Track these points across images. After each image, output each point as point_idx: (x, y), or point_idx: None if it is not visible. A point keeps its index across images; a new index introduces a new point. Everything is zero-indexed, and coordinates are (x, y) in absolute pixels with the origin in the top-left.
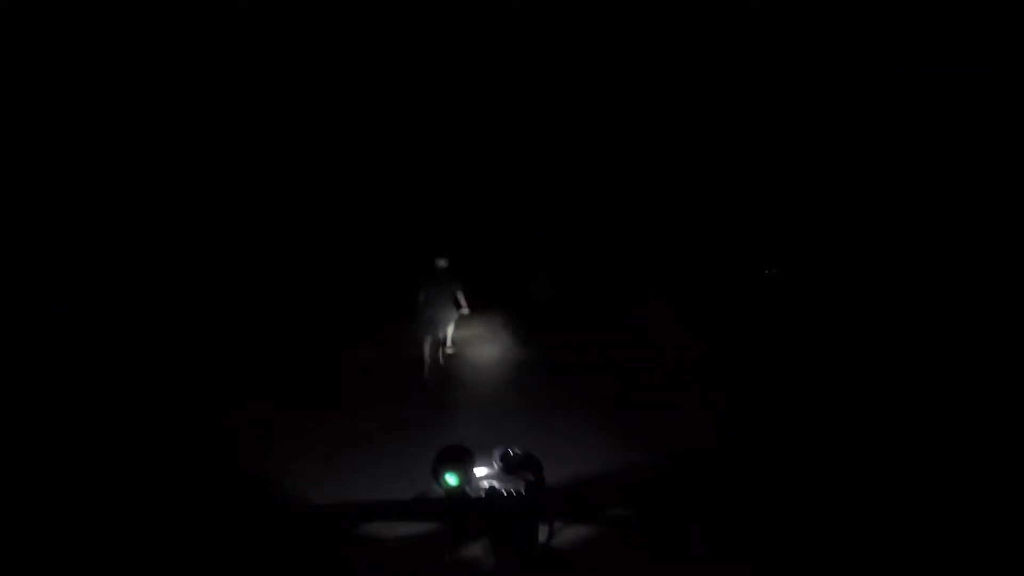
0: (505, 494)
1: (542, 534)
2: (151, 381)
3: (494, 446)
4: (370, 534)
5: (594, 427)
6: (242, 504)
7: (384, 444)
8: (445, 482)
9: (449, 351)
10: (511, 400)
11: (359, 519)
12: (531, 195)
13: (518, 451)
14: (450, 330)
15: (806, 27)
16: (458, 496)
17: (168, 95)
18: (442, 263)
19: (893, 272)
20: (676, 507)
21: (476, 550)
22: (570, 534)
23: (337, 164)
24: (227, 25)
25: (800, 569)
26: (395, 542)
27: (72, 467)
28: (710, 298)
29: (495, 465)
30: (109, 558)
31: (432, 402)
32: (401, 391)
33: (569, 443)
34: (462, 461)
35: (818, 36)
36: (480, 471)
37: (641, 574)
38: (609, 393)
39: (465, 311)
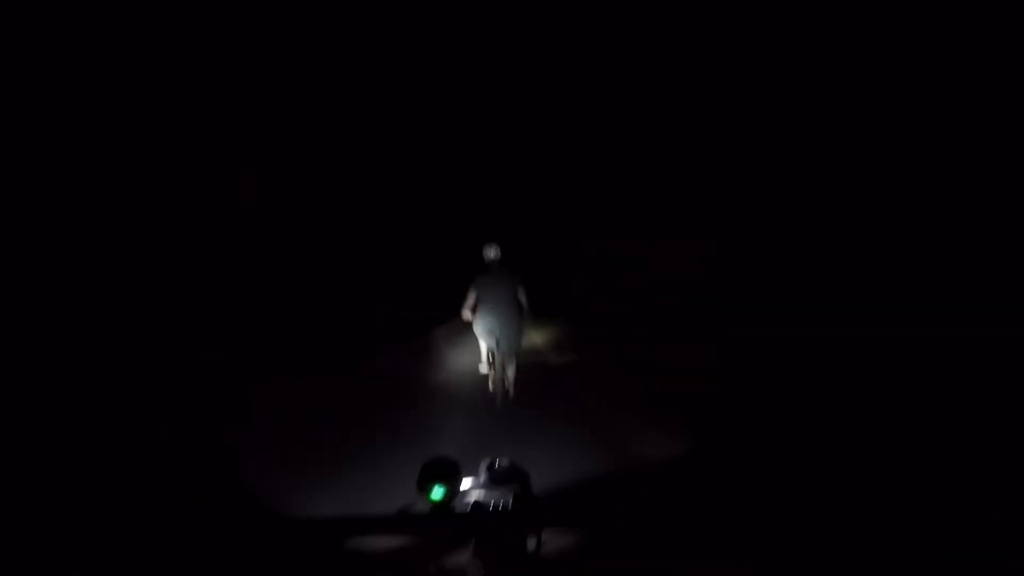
0: (491, 507)
1: (530, 545)
2: (155, 382)
3: (481, 458)
4: (357, 548)
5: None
6: (231, 516)
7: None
8: (431, 497)
9: (510, 375)
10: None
11: (347, 533)
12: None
13: (504, 462)
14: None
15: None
16: (444, 510)
17: (193, 93)
18: (491, 253)
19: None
20: (665, 516)
21: (463, 562)
22: (559, 542)
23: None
24: (241, 23)
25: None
26: (382, 556)
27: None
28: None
29: (482, 477)
30: (100, 560)
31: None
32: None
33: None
34: (448, 474)
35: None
36: (467, 483)
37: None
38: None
39: (530, 319)
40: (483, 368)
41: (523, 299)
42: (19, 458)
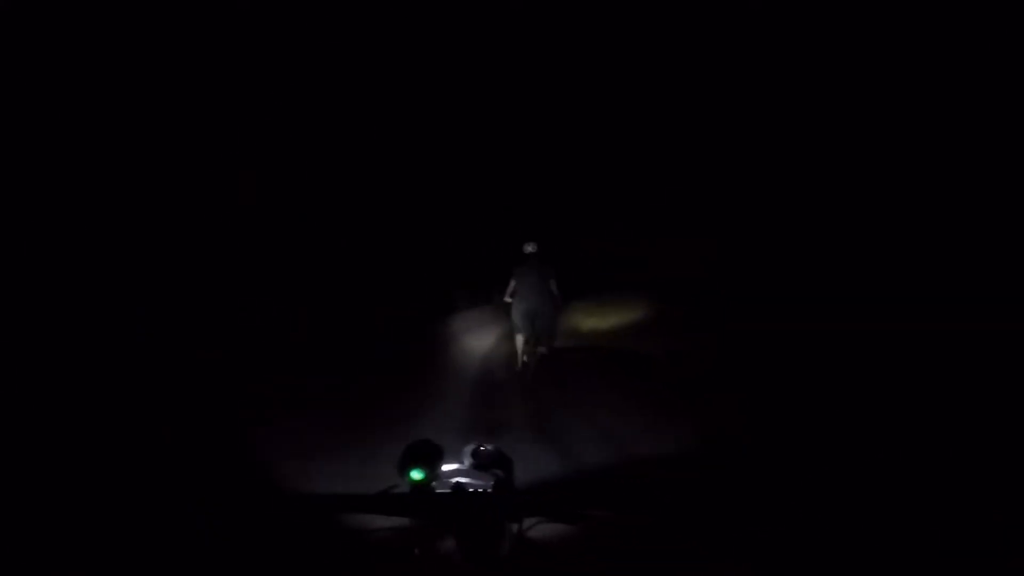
0: (472, 491)
1: (511, 532)
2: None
3: (465, 442)
4: (339, 525)
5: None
6: (225, 483)
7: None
8: (410, 478)
9: (542, 351)
10: None
11: (327, 509)
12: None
13: (489, 447)
14: (548, 333)
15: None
16: (423, 491)
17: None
18: (530, 248)
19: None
20: (653, 507)
21: (444, 547)
22: (540, 532)
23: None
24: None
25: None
26: (365, 534)
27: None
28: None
29: (465, 461)
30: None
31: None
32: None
33: None
34: (429, 456)
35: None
36: (448, 467)
37: (612, 574)
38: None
39: (560, 305)
40: (518, 344)
41: (555, 289)
42: (19, 458)
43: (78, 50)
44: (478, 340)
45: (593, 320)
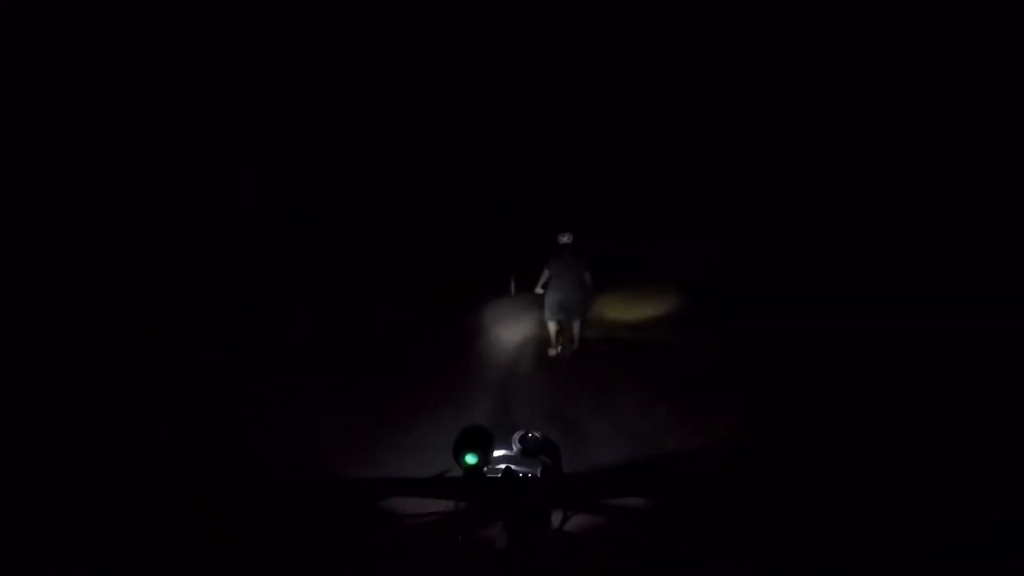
0: (522, 476)
1: (556, 519)
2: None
3: (514, 429)
4: (388, 510)
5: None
6: (261, 476)
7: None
8: (464, 461)
9: (575, 345)
10: None
11: (378, 495)
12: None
13: (537, 435)
14: (580, 321)
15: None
16: (476, 476)
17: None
18: (565, 239)
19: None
20: (691, 501)
21: (490, 531)
22: (584, 521)
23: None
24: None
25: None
26: (412, 518)
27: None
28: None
29: (514, 447)
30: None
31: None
32: None
33: None
34: (482, 442)
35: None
36: (499, 453)
37: (650, 566)
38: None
39: (593, 296)
40: (551, 329)
41: (588, 279)
42: (19, 458)
43: (78, 51)
44: (501, 334)
45: (619, 311)
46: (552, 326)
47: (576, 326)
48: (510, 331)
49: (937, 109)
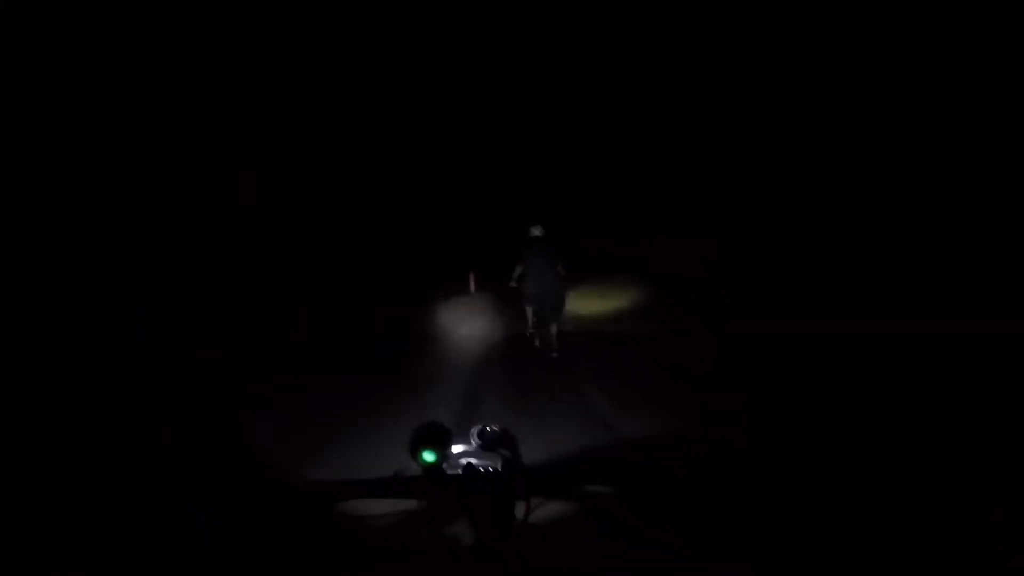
0: (482, 471)
1: (519, 510)
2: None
3: (472, 424)
4: (349, 512)
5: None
6: (225, 482)
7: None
8: (422, 459)
9: (555, 330)
10: None
11: (338, 497)
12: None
13: (495, 428)
14: (558, 318)
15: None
16: (435, 473)
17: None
18: (536, 232)
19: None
20: (655, 487)
21: (454, 526)
22: (548, 511)
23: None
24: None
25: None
26: (373, 519)
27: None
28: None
29: (473, 442)
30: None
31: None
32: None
33: None
34: (439, 438)
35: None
36: (457, 448)
37: (618, 553)
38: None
39: (569, 286)
40: (531, 326)
41: (562, 270)
42: (19, 458)
43: (78, 51)
44: (478, 326)
45: (595, 304)
46: (530, 310)
47: (554, 328)
48: (474, 329)
49: (936, 110)
